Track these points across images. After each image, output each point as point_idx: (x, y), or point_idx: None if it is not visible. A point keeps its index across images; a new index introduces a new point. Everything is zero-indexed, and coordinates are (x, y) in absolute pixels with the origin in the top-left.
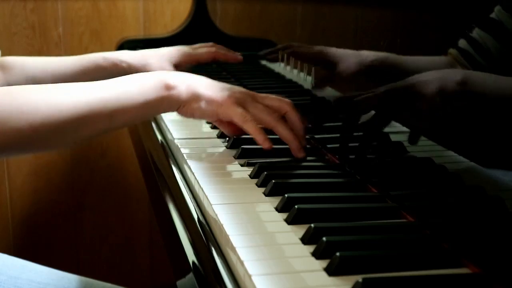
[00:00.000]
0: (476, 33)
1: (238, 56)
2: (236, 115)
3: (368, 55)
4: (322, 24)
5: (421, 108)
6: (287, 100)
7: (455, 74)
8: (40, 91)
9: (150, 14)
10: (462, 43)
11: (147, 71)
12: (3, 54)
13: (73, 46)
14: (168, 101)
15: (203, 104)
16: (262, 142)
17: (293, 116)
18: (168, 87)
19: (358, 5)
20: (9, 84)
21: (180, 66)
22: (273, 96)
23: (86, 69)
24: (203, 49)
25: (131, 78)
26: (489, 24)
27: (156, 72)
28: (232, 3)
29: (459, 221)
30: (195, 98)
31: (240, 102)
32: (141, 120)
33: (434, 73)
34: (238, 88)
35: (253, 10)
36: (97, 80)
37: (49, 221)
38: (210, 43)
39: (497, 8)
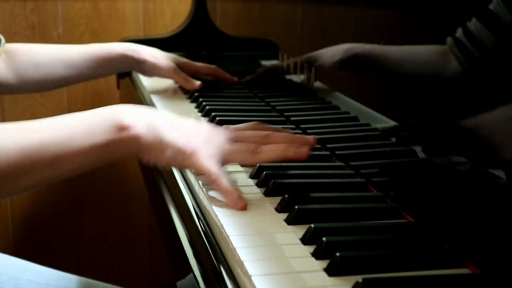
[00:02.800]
0: (473, 24)
1: (234, 78)
2: (205, 172)
3: (353, 47)
4: (322, 24)
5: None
6: (264, 131)
7: None
8: None
9: (150, 14)
10: (458, 32)
11: (156, 66)
12: None
13: None
14: (125, 145)
15: (168, 154)
16: (233, 205)
17: (275, 138)
18: (122, 128)
19: (358, 5)
20: (18, 71)
21: (182, 70)
22: (247, 132)
23: (98, 58)
24: (204, 64)
25: (79, 118)
26: (486, 16)
27: (109, 108)
28: (232, 3)
29: (459, 221)
30: (158, 144)
31: (212, 152)
32: (94, 166)
33: None
34: (208, 133)
35: (253, 10)
36: (107, 70)
37: (49, 221)
38: (213, 66)
39: (495, 0)
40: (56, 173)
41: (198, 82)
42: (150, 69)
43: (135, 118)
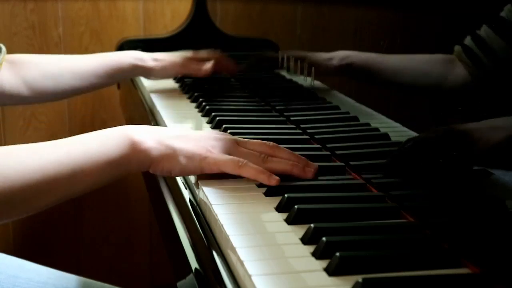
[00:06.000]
0: (483, 31)
1: (234, 69)
2: (226, 164)
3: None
4: (322, 24)
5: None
6: (269, 142)
7: None
8: None
9: (150, 14)
10: (467, 40)
11: (164, 68)
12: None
13: (73, 46)
14: (137, 159)
15: (182, 160)
16: (268, 181)
17: (283, 153)
18: (134, 143)
19: (358, 5)
20: (26, 80)
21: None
22: (254, 140)
23: (108, 68)
24: (203, 63)
25: (91, 135)
26: (497, 22)
27: (120, 127)
28: (232, 3)
29: (459, 221)
30: (170, 153)
31: (223, 150)
32: (107, 182)
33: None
34: (215, 135)
35: (253, 10)
36: (116, 79)
37: (49, 221)
38: (216, 53)
39: (507, 7)
40: (71, 191)
41: (209, 65)
42: (159, 73)
43: (144, 134)
